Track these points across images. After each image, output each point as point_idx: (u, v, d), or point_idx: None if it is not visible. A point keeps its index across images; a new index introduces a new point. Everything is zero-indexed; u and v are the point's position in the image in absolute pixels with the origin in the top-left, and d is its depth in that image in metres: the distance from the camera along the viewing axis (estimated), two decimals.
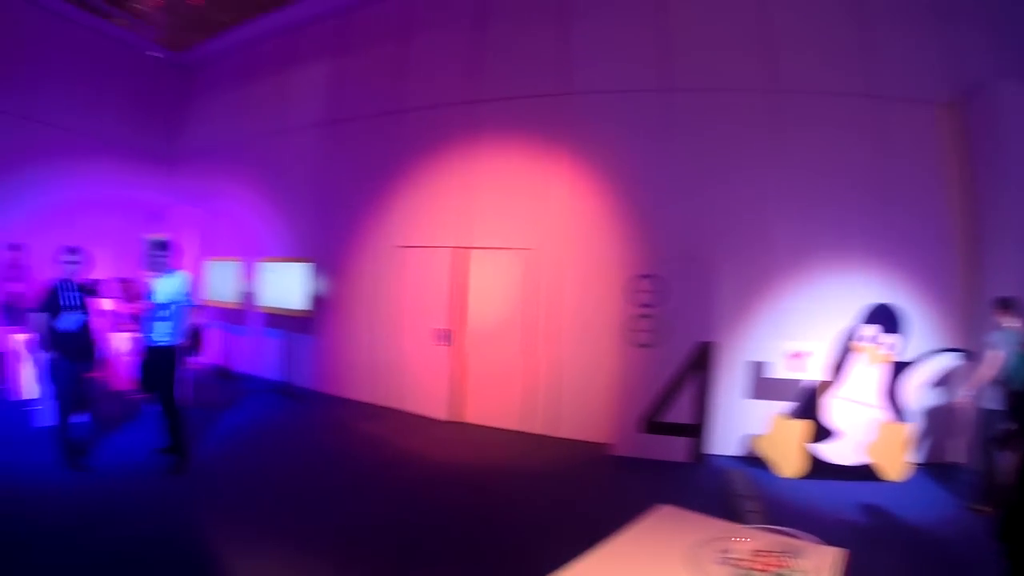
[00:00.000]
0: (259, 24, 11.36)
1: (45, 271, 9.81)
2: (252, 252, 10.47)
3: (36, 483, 5.25)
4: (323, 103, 10.28)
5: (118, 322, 8.04)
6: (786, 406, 6.48)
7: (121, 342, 8.26)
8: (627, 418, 6.73)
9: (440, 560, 4.19)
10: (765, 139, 7.03)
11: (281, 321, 9.92)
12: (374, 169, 9.34)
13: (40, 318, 5.38)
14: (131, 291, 8.20)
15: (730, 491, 5.47)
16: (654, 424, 6.62)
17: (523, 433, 7.57)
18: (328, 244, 9.72)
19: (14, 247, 9.11)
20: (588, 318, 7.33)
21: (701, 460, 6.54)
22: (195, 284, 5.98)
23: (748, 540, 2.65)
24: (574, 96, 7.68)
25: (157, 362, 5.70)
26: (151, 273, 5.71)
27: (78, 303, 5.48)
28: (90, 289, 5.72)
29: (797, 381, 6.47)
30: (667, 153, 7.15)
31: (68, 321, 5.41)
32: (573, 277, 7.48)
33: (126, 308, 7.80)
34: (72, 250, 5.57)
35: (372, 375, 9.08)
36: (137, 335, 8.03)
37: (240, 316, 10.71)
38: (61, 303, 5.39)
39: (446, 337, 8.14)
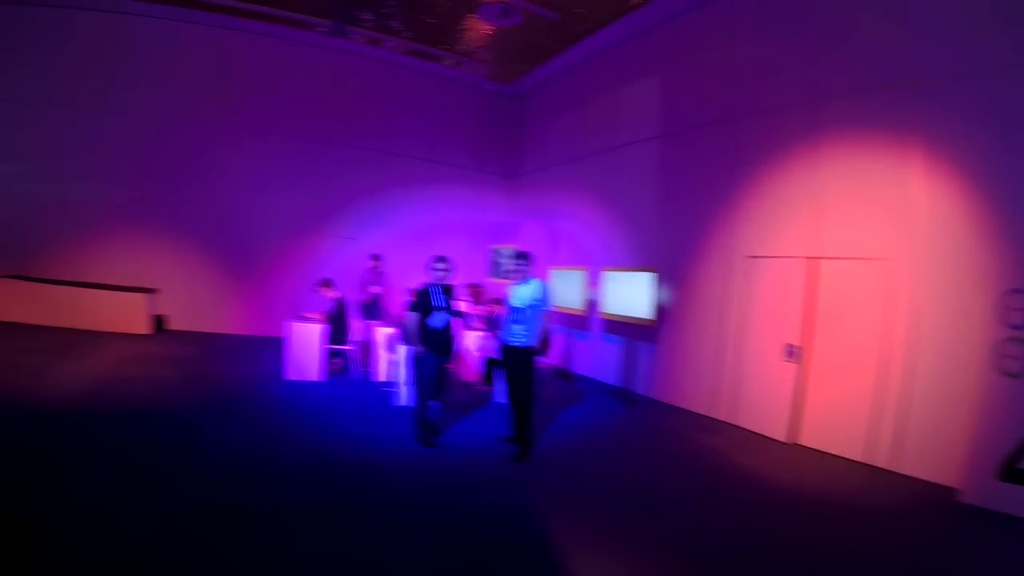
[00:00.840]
0: (584, 47, 12.39)
1: (400, 277, 12.03)
2: (596, 262, 11.46)
3: (394, 453, 6.21)
4: (656, 116, 10.81)
5: (469, 322, 9.25)
6: None
7: (471, 340, 9.47)
8: (983, 461, 5.86)
9: None
10: None
11: (622, 328, 10.64)
12: (715, 178, 9.46)
13: (413, 316, 6.36)
14: (479, 295, 9.42)
15: None
16: (1014, 471, 5.69)
17: (863, 464, 7.07)
18: (672, 254, 10.07)
19: (375, 257, 10.97)
20: (949, 339, 6.49)
21: None
22: (549, 291, 6.58)
23: None
24: (921, 83, 6.86)
25: (513, 360, 6.41)
26: (510, 280, 6.57)
27: (445, 305, 6.42)
28: (453, 293, 6.61)
29: None
30: None
31: (437, 320, 6.35)
32: (935, 291, 6.65)
33: (475, 310, 8.99)
34: (441, 259, 6.51)
35: (712, 387, 9.19)
36: (485, 334, 9.15)
37: (582, 321, 11.71)
38: (432, 304, 6.36)
39: (793, 353, 7.93)
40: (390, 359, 8.97)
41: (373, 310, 10.64)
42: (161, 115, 12.87)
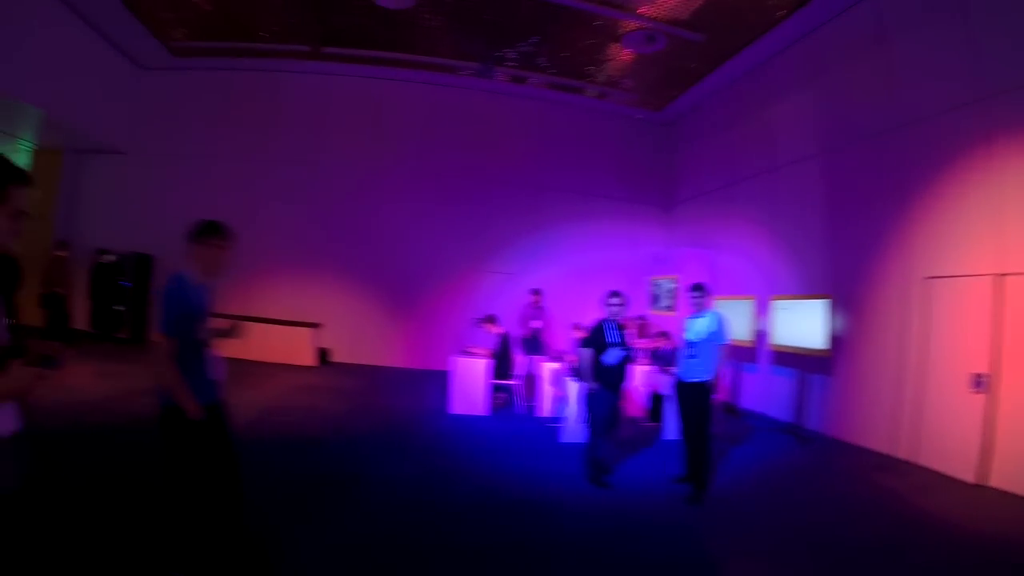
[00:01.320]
0: (731, 66, 12.53)
1: (560, 311, 12.63)
2: (762, 290, 11.22)
3: (562, 492, 6.21)
4: (814, 132, 10.76)
5: (634, 356, 9.46)
6: None
7: (637, 374, 9.62)
8: None
9: None
10: None
11: (792, 359, 10.36)
12: (884, 194, 9.09)
13: (587, 352, 6.45)
14: (644, 329, 9.65)
15: None
16: None
17: None
18: (843, 279, 9.68)
19: (535, 291, 11.49)
20: None
21: None
22: (726, 324, 6.48)
23: None
24: None
25: (688, 397, 6.41)
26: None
27: (619, 340, 6.46)
28: (626, 328, 6.76)
29: None
30: None
31: (611, 356, 6.39)
32: None
33: (641, 344, 9.18)
34: (615, 293, 6.57)
35: (891, 422, 8.63)
36: (650, 369, 9.34)
37: (748, 353, 11.57)
38: (607, 340, 6.41)
39: (981, 383, 7.29)
40: (555, 394, 9.33)
41: (534, 344, 11.13)
42: (320, 161, 14.54)
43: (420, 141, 14.90)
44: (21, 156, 13.34)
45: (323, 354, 13.88)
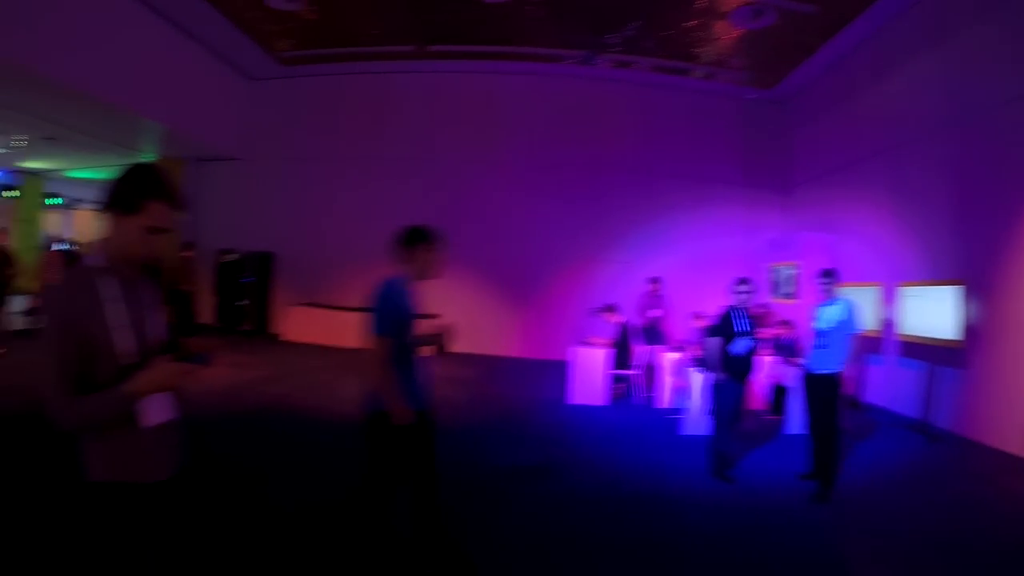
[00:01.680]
0: (847, 35, 12.06)
1: (678, 299, 12.73)
2: (888, 276, 10.63)
3: (684, 486, 6.22)
4: (941, 101, 9.98)
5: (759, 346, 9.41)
6: None
7: (760, 366, 9.39)
8: None
9: None
10: None
11: (920, 351, 9.74)
12: (1020, 167, 8.27)
13: (714, 342, 6.41)
14: (766, 318, 9.57)
15: None
16: None
17: None
18: (977, 263, 8.90)
19: (654, 280, 11.65)
20: None
21: None
22: (857, 312, 6.28)
23: None
24: None
25: (816, 389, 6.25)
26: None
27: (748, 329, 6.38)
28: (755, 317, 6.72)
29: None
30: None
31: (739, 345, 6.34)
32: None
33: (763, 333, 9.05)
34: (743, 280, 6.50)
35: None
36: (773, 359, 9.24)
37: (873, 344, 10.88)
38: (734, 329, 6.35)
39: None
40: (675, 385, 9.42)
41: (653, 334, 11.22)
42: (432, 157, 15.28)
43: (530, 132, 15.26)
44: None
45: (440, 344, 14.32)
